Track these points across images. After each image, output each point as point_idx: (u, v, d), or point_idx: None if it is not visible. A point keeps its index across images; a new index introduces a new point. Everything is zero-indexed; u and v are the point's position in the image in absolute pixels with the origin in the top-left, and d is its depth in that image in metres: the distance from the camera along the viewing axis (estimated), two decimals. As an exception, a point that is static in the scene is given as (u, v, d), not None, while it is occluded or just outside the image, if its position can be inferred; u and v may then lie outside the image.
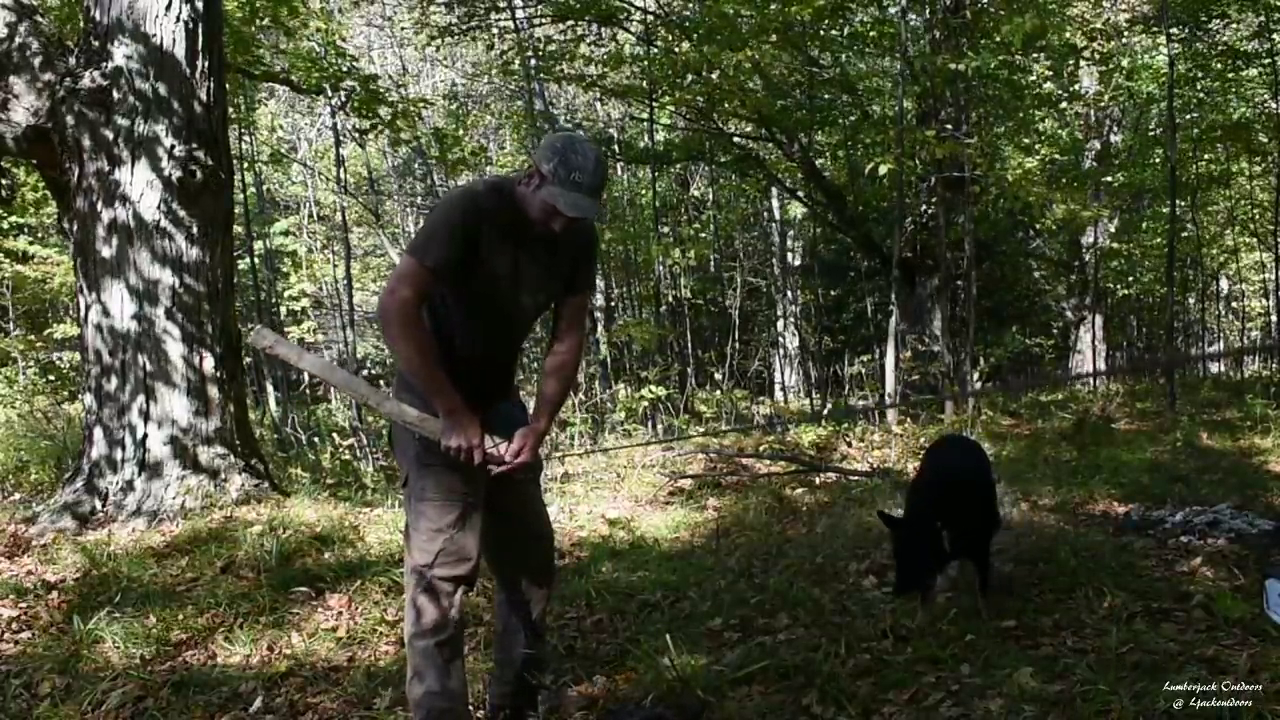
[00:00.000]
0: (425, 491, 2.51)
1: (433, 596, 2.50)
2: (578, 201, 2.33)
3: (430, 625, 2.50)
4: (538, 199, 2.37)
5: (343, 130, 12.23)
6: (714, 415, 10.08)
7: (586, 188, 2.34)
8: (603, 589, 4.04)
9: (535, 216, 2.40)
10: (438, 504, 2.50)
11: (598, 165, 2.38)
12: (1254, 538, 4.22)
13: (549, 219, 2.39)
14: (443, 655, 2.52)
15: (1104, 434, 8.34)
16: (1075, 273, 15.31)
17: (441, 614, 2.50)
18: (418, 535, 2.51)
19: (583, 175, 2.33)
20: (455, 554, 2.50)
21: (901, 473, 7.31)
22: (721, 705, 2.83)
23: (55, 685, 3.11)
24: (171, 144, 5.14)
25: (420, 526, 2.51)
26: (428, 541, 2.49)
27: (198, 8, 5.24)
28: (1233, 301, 19.92)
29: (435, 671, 2.51)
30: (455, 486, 2.50)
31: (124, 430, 5.09)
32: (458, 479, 2.50)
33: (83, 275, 5.25)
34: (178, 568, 4.25)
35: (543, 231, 2.43)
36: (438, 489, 2.49)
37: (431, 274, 2.35)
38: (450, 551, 2.49)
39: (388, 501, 5.71)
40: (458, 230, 2.36)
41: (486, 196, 2.42)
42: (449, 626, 2.52)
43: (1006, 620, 3.33)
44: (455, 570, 2.51)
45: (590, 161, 2.36)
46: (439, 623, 2.50)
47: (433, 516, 2.50)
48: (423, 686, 2.51)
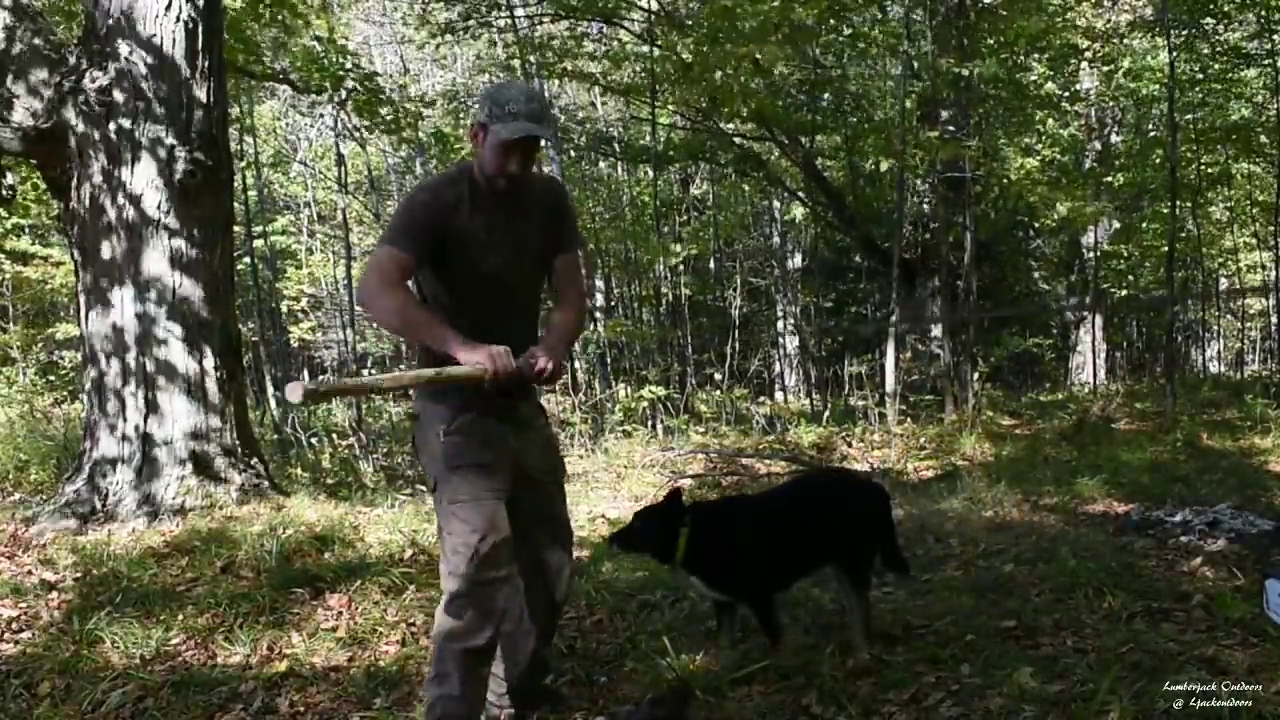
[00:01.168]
0: (457, 493, 2.48)
1: (474, 600, 2.45)
2: (516, 127, 2.36)
3: (466, 629, 2.46)
4: (487, 149, 2.42)
5: (343, 130, 12.23)
6: (714, 415, 10.07)
7: (524, 114, 2.37)
8: (603, 589, 4.04)
9: (492, 170, 2.43)
10: (471, 504, 2.46)
11: (530, 94, 2.45)
12: (1254, 538, 4.22)
13: (503, 162, 2.41)
14: (471, 661, 2.48)
15: (1104, 434, 8.34)
16: (1075, 273, 15.31)
17: (482, 618, 2.46)
18: (453, 539, 2.47)
19: (515, 104, 2.37)
20: (494, 556, 2.46)
21: (901, 473, 7.32)
22: (721, 705, 2.82)
23: (55, 685, 3.11)
24: (172, 144, 5.14)
25: (455, 529, 2.46)
26: (464, 545, 2.44)
27: (198, 8, 5.24)
28: (1233, 302, 19.91)
29: (460, 676, 2.47)
30: (485, 485, 2.48)
31: (124, 430, 5.09)
32: (486, 478, 2.48)
33: (83, 275, 5.26)
34: (178, 568, 4.24)
35: (506, 189, 2.46)
36: (469, 489, 2.46)
37: (404, 259, 2.39)
38: (487, 555, 2.44)
39: (388, 501, 5.71)
40: (419, 224, 2.42)
41: (443, 186, 2.50)
42: (483, 636, 2.48)
43: (1006, 620, 3.33)
44: (497, 571, 2.47)
45: (520, 91, 2.43)
46: (477, 628, 2.46)
47: (468, 518, 2.45)
48: (442, 689, 2.47)
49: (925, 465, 7.77)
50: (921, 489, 6.25)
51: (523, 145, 2.42)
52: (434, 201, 2.46)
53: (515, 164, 2.43)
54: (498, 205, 2.50)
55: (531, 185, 2.61)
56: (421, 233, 2.42)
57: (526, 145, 2.43)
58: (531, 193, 2.59)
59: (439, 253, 2.44)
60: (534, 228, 2.58)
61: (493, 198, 2.49)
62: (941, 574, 4.05)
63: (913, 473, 7.35)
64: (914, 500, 5.72)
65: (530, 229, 2.57)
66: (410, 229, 2.42)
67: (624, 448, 8.31)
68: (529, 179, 2.57)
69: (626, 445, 8.45)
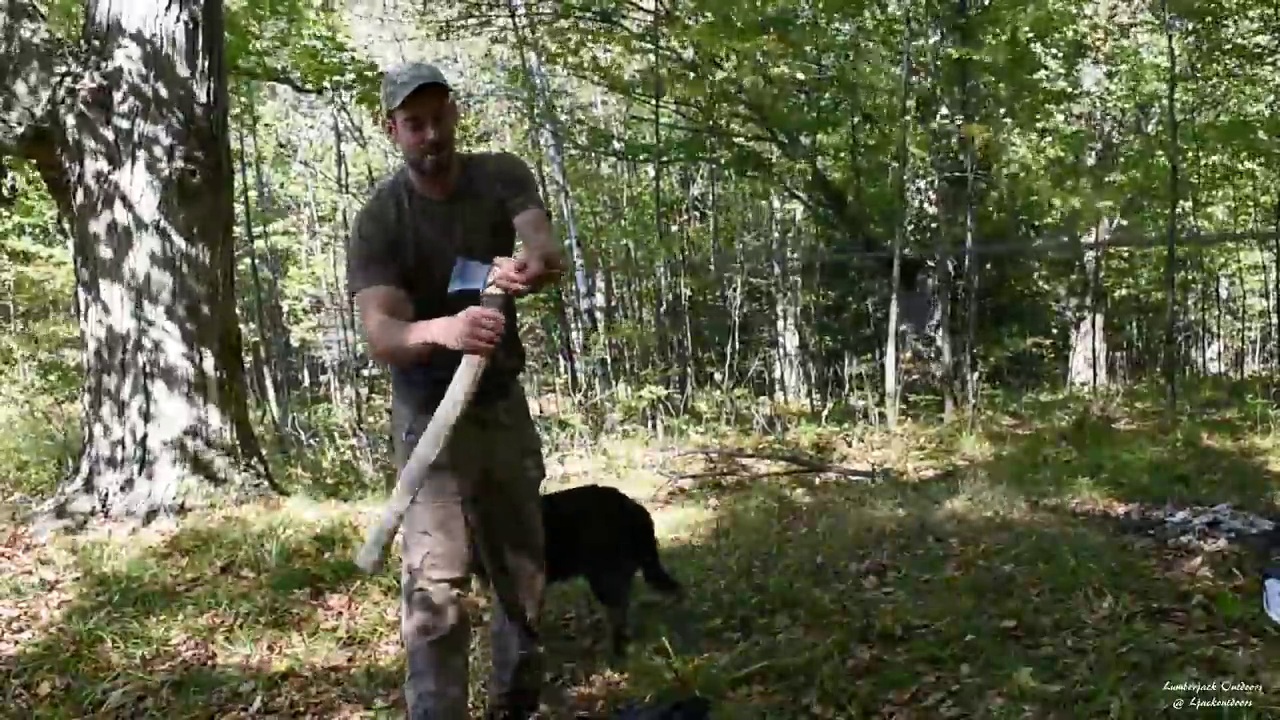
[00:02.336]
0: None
1: (424, 597, 2.48)
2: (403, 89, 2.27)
3: (422, 625, 2.48)
4: (399, 134, 2.35)
5: (344, 130, 12.23)
6: (714, 415, 10.07)
7: (411, 79, 2.29)
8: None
9: (410, 150, 2.36)
10: (428, 505, 2.47)
11: (416, 65, 2.41)
12: (1254, 538, 4.22)
13: (416, 137, 2.32)
14: (438, 654, 2.48)
15: (1104, 434, 8.33)
16: (1075, 273, 15.30)
17: (435, 615, 2.48)
18: (409, 536, 2.51)
19: (402, 76, 2.32)
20: (445, 556, 2.49)
21: (901, 473, 7.31)
22: (721, 705, 2.83)
23: (55, 685, 3.11)
24: (171, 144, 5.14)
25: (412, 527, 2.49)
26: (417, 544, 2.49)
27: (198, 8, 5.24)
28: (1232, 302, 19.90)
29: (432, 671, 2.48)
30: (445, 487, 2.49)
31: (124, 430, 5.09)
32: (448, 479, 2.48)
33: (83, 275, 5.25)
34: (177, 568, 4.24)
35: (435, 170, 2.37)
36: (427, 490, 2.41)
37: (381, 293, 2.33)
38: (439, 554, 2.48)
39: (388, 501, 5.70)
40: (377, 251, 2.37)
41: (381, 206, 2.44)
42: (443, 627, 2.49)
43: (1006, 620, 3.33)
44: (446, 573, 2.49)
45: (404, 68, 2.38)
46: (432, 623, 2.48)
47: (422, 518, 2.48)
48: (418, 688, 2.48)
49: (925, 465, 7.76)
50: (921, 489, 6.24)
51: (424, 108, 2.29)
52: (380, 223, 2.41)
53: (429, 131, 2.30)
54: (441, 202, 2.43)
55: (482, 167, 2.53)
56: (384, 256, 2.37)
57: (429, 107, 2.29)
58: (483, 174, 2.49)
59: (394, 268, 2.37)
60: (487, 209, 2.45)
61: (435, 197, 2.43)
62: (941, 574, 4.05)
63: (913, 473, 7.35)
64: (914, 500, 5.71)
65: (481, 212, 2.45)
66: (370, 260, 2.37)
67: (624, 448, 8.31)
68: (471, 169, 2.47)
69: (626, 445, 8.46)
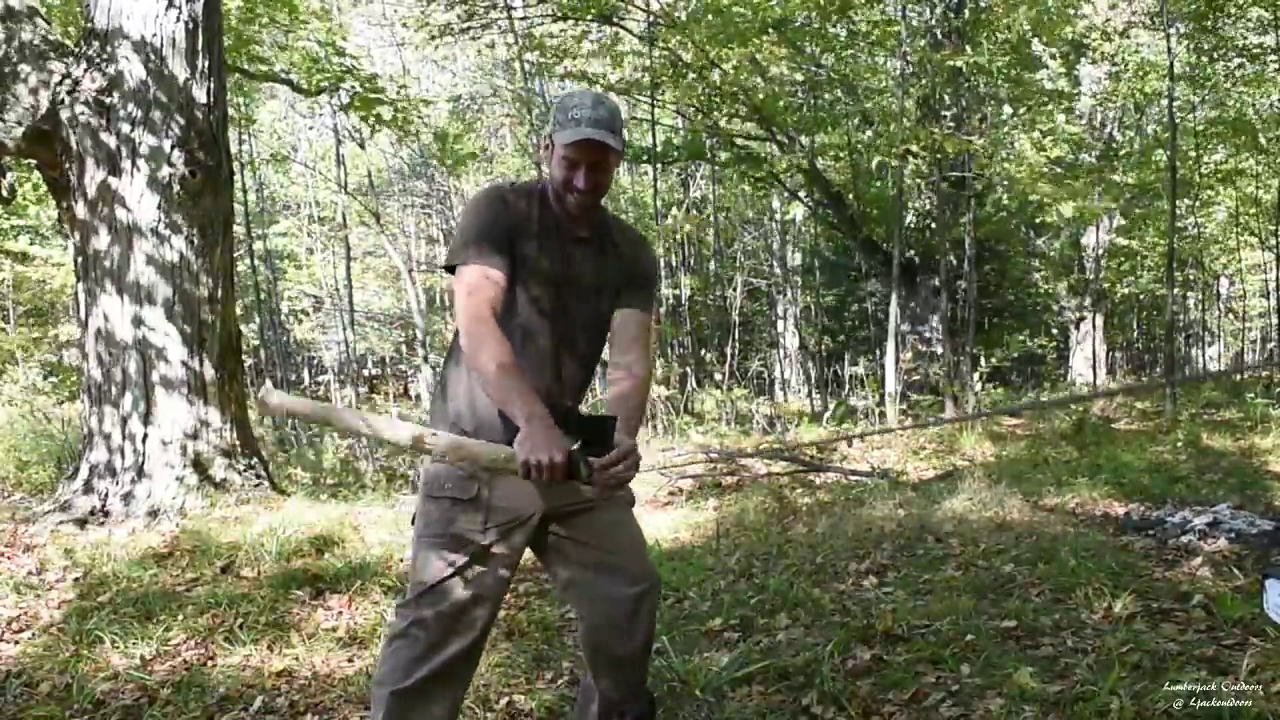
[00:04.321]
0: (427, 526, 2.08)
1: (410, 644, 2.03)
2: (576, 132, 2.06)
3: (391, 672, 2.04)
4: (553, 163, 2.12)
5: (343, 130, 12.24)
6: (714, 415, 10.07)
7: (587, 120, 2.06)
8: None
9: (558, 184, 2.11)
10: (436, 546, 2.05)
11: (597, 100, 2.13)
12: (1254, 538, 4.22)
13: (568, 176, 2.09)
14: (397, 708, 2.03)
15: (1104, 434, 8.34)
16: (1075, 273, 15.30)
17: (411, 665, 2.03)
18: (413, 575, 2.09)
19: (580, 110, 2.08)
20: (451, 617, 2.03)
21: (901, 473, 7.31)
22: (721, 705, 2.82)
23: (55, 685, 3.11)
24: (171, 145, 5.14)
25: (415, 567, 2.08)
26: (415, 591, 2.06)
27: (197, 8, 5.24)
28: (1233, 301, 19.91)
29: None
30: (466, 528, 2.05)
31: (124, 431, 5.09)
32: (472, 517, 2.05)
33: (83, 276, 5.25)
34: (177, 568, 4.24)
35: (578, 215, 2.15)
36: (441, 525, 2.05)
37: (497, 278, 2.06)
38: (446, 614, 2.03)
39: (388, 502, 5.71)
40: (500, 228, 2.09)
41: (514, 195, 2.16)
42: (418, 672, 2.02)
43: (1006, 620, 3.33)
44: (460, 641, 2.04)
45: (587, 98, 2.12)
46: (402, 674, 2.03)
47: (425, 564, 2.06)
48: None
49: (925, 465, 7.77)
50: (921, 489, 6.25)
51: (588, 156, 2.08)
52: (509, 209, 2.12)
53: (581, 179, 2.08)
54: (570, 236, 2.16)
55: (624, 229, 2.31)
56: (501, 240, 2.07)
57: (593, 159, 2.09)
58: (626, 238, 2.27)
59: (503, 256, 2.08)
60: (610, 265, 2.22)
61: (564, 226, 2.15)
62: (941, 574, 4.05)
63: (913, 473, 7.35)
64: (914, 500, 5.72)
65: (607, 266, 2.22)
66: (484, 239, 2.06)
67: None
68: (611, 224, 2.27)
69: (626, 445, 8.43)
